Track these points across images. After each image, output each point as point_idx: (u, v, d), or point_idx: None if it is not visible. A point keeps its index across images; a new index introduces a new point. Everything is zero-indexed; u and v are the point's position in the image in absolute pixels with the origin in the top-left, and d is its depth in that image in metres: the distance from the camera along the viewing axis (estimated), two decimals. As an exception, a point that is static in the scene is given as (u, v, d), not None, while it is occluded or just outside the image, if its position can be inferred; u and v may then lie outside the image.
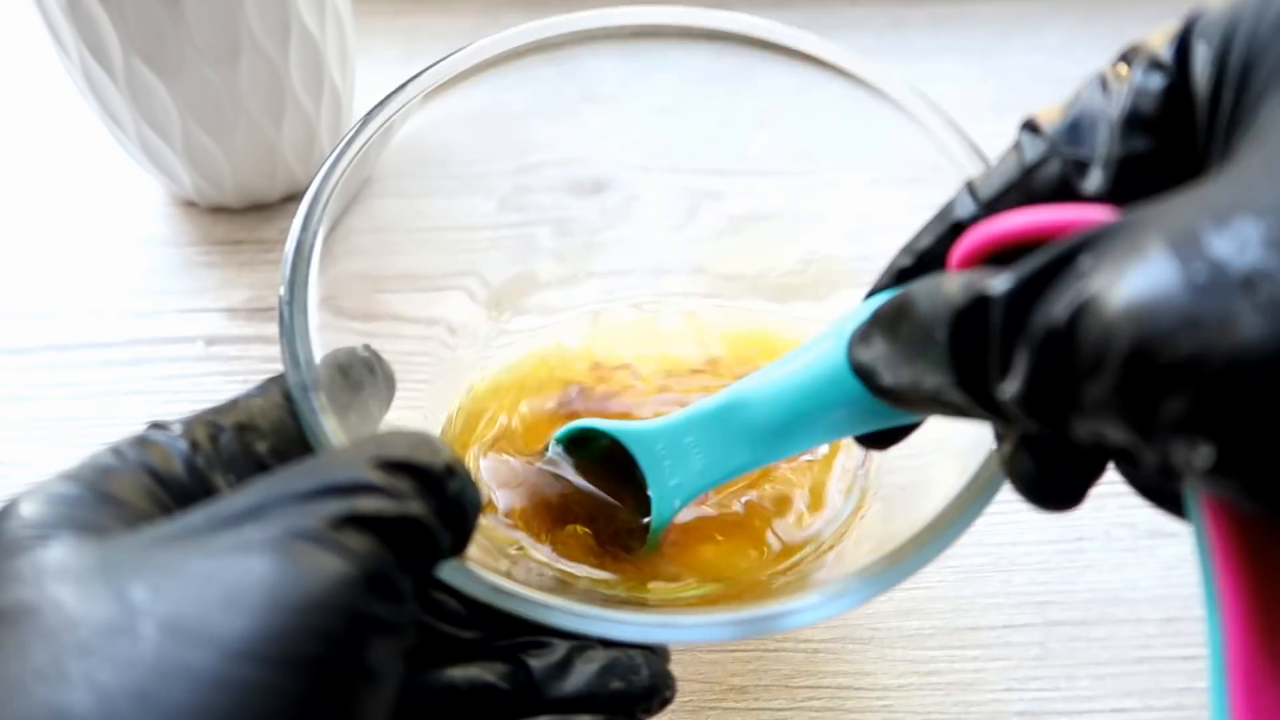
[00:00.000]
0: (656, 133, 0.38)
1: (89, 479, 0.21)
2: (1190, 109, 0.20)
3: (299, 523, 0.19)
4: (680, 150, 0.39)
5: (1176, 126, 0.20)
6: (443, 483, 0.21)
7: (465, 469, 0.22)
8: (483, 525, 0.33)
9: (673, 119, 0.38)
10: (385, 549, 0.19)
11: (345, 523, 0.19)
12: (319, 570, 0.18)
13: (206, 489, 0.22)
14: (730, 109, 0.37)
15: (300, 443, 0.25)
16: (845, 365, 0.24)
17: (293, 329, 0.26)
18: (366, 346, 0.29)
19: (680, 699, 0.35)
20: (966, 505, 0.25)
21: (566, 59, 0.35)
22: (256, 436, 0.24)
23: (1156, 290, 0.15)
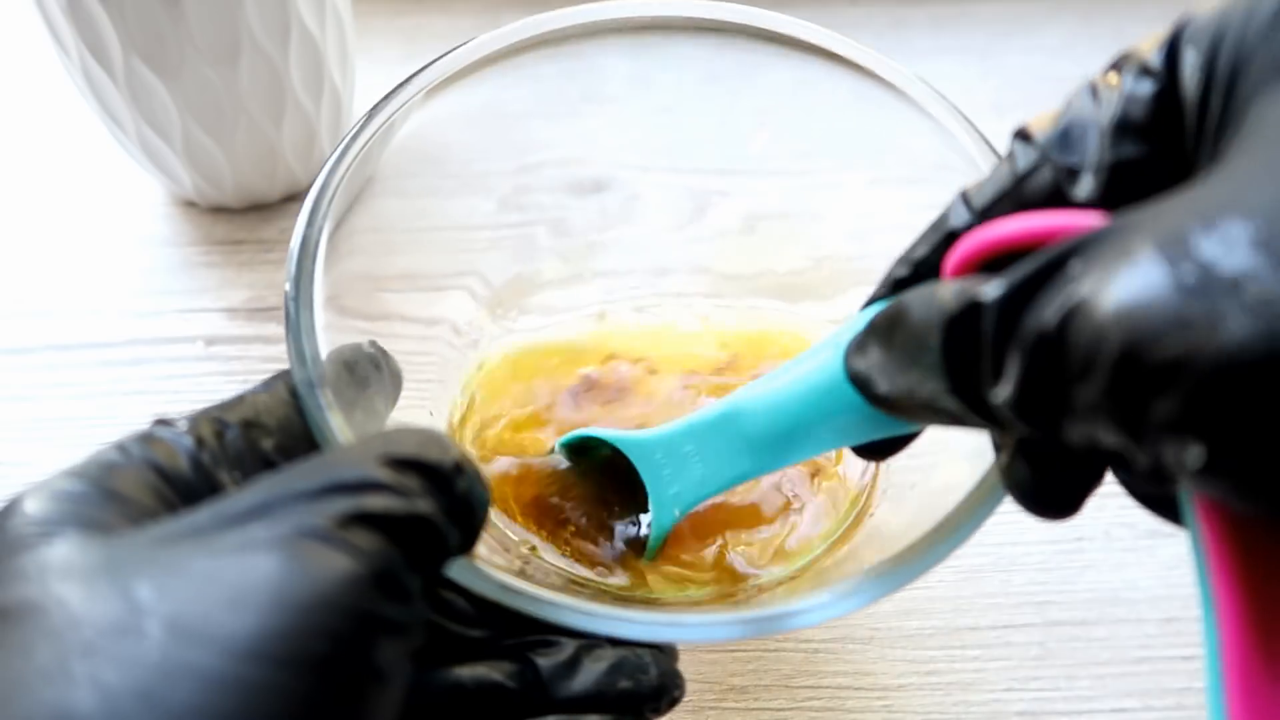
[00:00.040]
0: (657, 132, 0.38)
1: (94, 475, 0.21)
2: (1180, 114, 0.20)
3: (306, 521, 0.19)
4: (681, 150, 0.39)
5: (1167, 131, 0.20)
6: (451, 480, 0.21)
7: (474, 466, 0.22)
8: (491, 524, 0.33)
9: (673, 118, 0.38)
10: (393, 548, 0.19)
11: (353, 521, 0.19)
12: (326, 569, 0.18)
13: (212, 486, 0.22)
14: (731, 107, 0.37)
15: (306, 440, 0.25)
16: (843, 375, 0.24)
17: (298, 325, 0.26)
18: (372, 343, 0.29)
19: (680, 699, 0.35)
20: (977, 505, 0.25)
21: (567, 56, 0.35)
22: (262, 433, 0.24)
23: (1145, 292, 0.15)
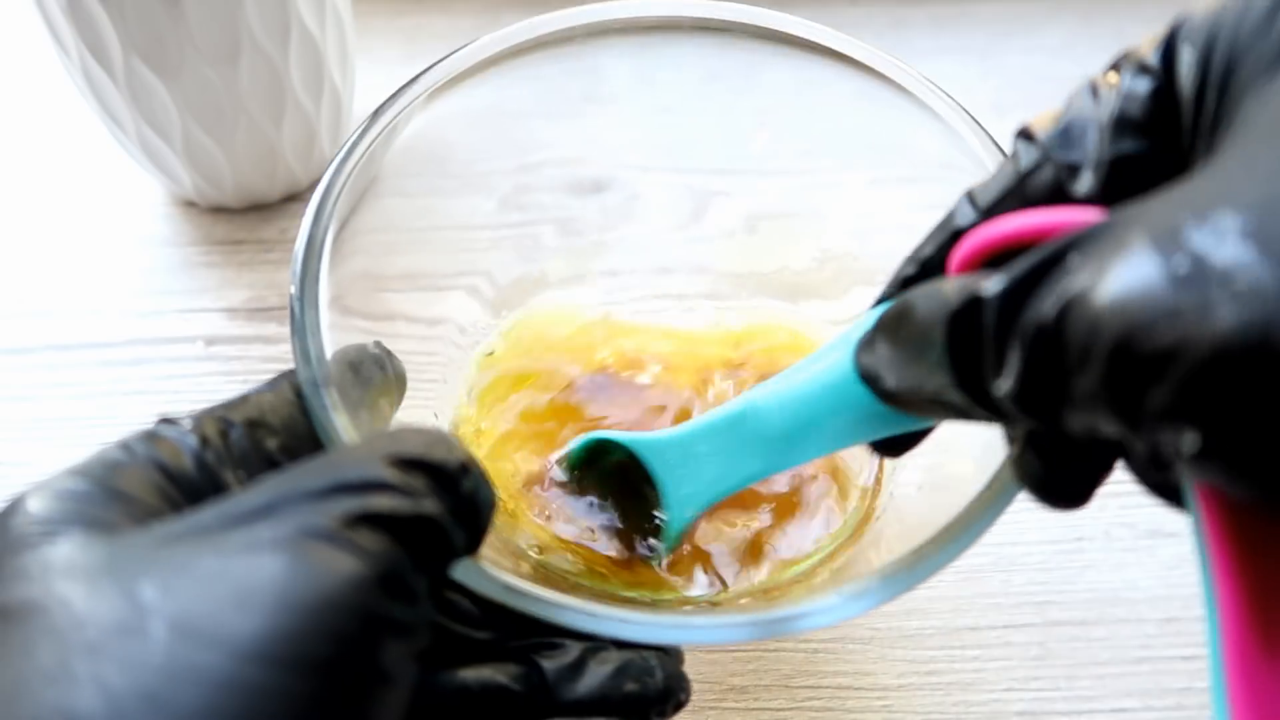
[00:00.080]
0: (658, 131, 0.38)
1: (98, 474, 0.21)
2: (1177, 110, 0.20)
3: (311, 521, 0.19)
4: (682, 149, 0.39)
5: (1164, 128, 0.20)
6: (457, 480, 0.21)
7: (479, 466, 0.22)
8: (498, 525, 0.33)
9: (674, 118, 0.38)
10: (399, 548, 0.19)
11: (359, 521, 0.19)
12: (332, 570, 0.18)
13: (216, 485, 0.22)
14: (732, 107, 0.37)
15: (311, 440, 0.24)
16: (853, 372, 0.24)
17: (304, 324, 0.26)
18: (377, 343, 0.29)
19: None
20: (984, 508, 0.25)
21: (568, 56, 0.35)
22: (267, 433, 0.24)
23: (1139, 283, 0.15)
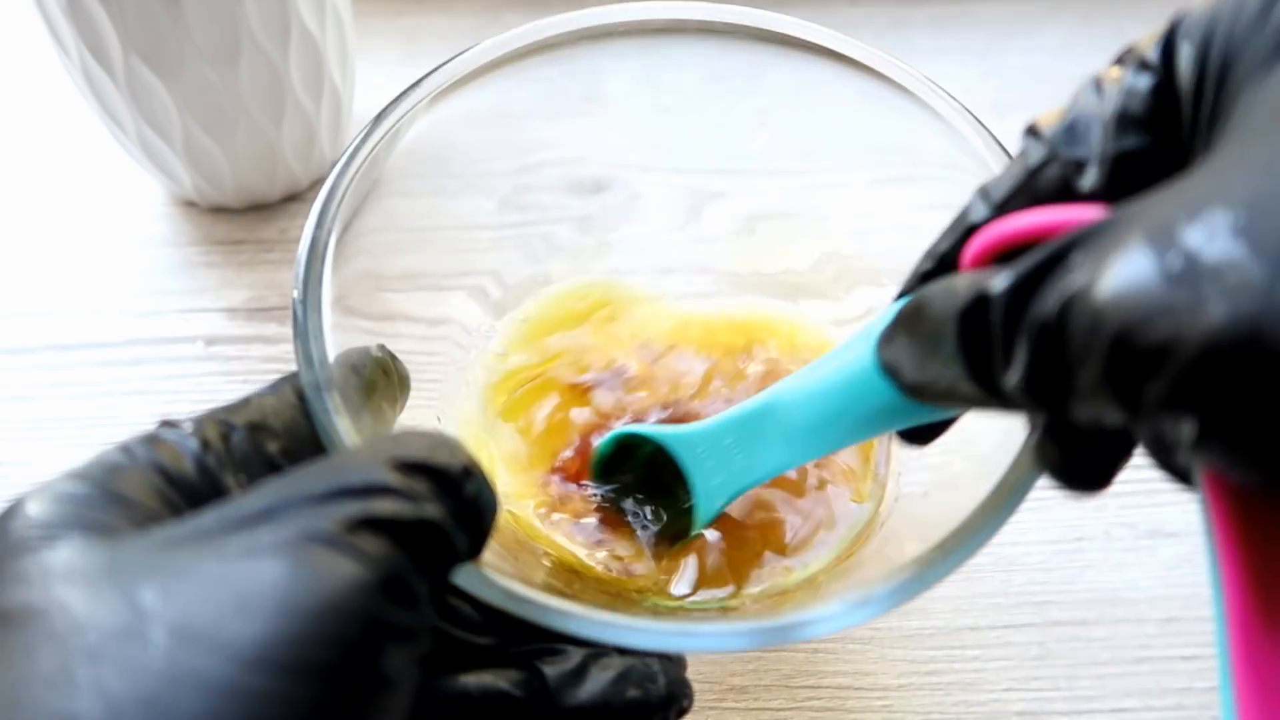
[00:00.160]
0: (659, 132, 0.38)
1: (97, 477, 0.21)
2: (1177, 106, 0.21)
3: (313, 525, 0.18)
4: (683, 149, 0.39)
5: (1165, 123, 0.21)
6: (460, 485, 0.21)
7: (482, 470, 0.22)
8: (507, 526, 0.33)
9: (675, 118, 0.38)
10: (401, 552, 0.19)
11: (361, 525, 0.19)
12: (333, 574, 0.18)
13: (217, 489, 0.22)
14: (733, 107, 0.37)
15: (313, 443, 0.24)
16: (874, 364, 0.25)
17: (306, 327, 0.26)
18: (381, 346, 0.29)
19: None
20: (988, 515, 0.25)
21: (569, 58, 0.35)
22: (268, 436, 0.23)
23: (1135, 281, 0.16)
